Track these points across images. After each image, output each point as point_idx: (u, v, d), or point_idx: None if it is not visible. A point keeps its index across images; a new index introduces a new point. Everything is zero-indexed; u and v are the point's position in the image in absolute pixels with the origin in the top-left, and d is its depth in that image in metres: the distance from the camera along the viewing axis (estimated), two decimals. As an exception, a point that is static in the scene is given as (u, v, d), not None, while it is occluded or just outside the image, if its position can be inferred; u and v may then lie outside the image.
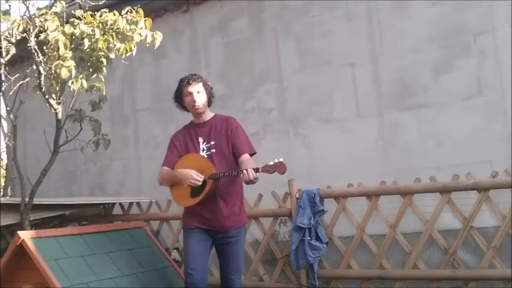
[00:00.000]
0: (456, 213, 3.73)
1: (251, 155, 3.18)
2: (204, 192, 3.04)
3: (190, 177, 3.03)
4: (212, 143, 3.18)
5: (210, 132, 3.22)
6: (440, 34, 4.27)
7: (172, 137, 3.34)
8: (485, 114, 4.07)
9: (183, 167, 3.12)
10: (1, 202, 4.39)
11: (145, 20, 3.85)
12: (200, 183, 3.01)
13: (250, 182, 2.90)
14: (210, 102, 3.32)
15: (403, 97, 4.42)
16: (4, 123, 5.40)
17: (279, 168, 2.86)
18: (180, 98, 3.27)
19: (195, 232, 3.16)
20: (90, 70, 3.87)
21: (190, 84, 3.21)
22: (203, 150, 3.19)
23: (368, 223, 4.01)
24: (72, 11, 4.03)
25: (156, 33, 3.83)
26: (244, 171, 2.90)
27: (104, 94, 4.15)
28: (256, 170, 2.92)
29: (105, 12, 3.83)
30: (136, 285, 3.43)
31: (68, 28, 3.73)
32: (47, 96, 3.97)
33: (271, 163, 2.89)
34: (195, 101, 3.19)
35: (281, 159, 2.86)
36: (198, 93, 3.21)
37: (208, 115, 3.31)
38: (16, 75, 4.20)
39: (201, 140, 3.23)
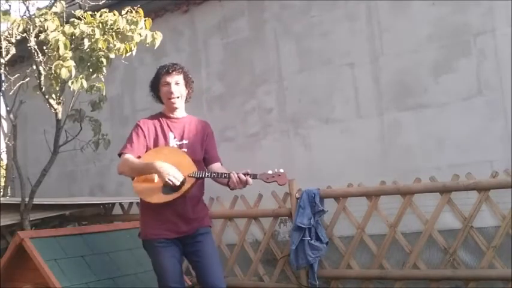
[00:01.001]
0: (456, 213, 3.73)
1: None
2: (183, 190, 2.75)
3: (172, 173, 2.70)
4: (185, 142, 2.95)
5: (183, 130, 2.97)
6: (440, 34, 4.27)
7: (140, 123, 3.01)
8: (485, 114, 4.07)
9: (156, 159, 2.79)
10: (1, 202, 4.39)
11: (145, 20, 3.85)
12: (178, 184, 2.72)
13: (239, 187, 2.73)
14: (187, 98, 3.08)
15: (403, 97, 4.42)
16: (4, 123, 5.39)
17: (279, 179, 2.69)
18: (157, 86, 3.01)
19: (163, 247, 2.84)
20: (90, 70, 3.87)
21: (170, 73, 2.94)
22: (174, 146, 2.93)
23: (368, 223, 4.01)
24: (72, 11, 4.03)
25: (156, 33, 3.83)
26: (239, 175, 2.70)
27: (104, 94, 4.15)
28: (254, 177, 2.74)
29: (105, 12, 3.83)
30: (136, 285, 3.43)
31: (68, 28, 3.73)
32: (47, 96, 3.97)
33: (271, 172, 2.71)
34: (171, 93, 2.93)
35: (282, 170, 2.71)
36: (176, 85, 2.95)
37: (182, 112, 3.06)
38: (16, 75, 4.20)
39: (171, 135, 2.95)
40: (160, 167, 2.72)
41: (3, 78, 4.19)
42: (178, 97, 2.95)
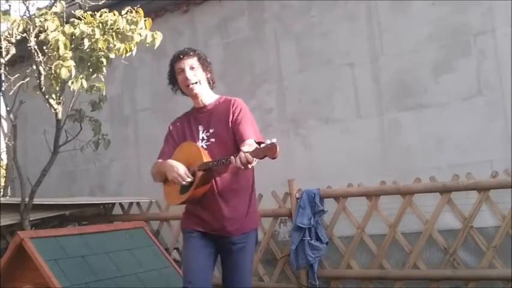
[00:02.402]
0: (456, 213, 3.73)
1: (258, 143, 2.46)
2: (192, 188, 2.51)
3: (175, 171, 2.50)
4: (211, 130, 2.65)
5: (211, 118, 2.68)
6: (440, 34, 4.27)
7: (170, 125, 2.82)
8: (485, 114, 4.07)
9: (176, 158, 2.61)
10: (1, 202, 4.39)
11: (145, 20, 3.84)
12: (185, 182, 2.50)
13: (244, 167, 2.32)
14: (211, 82, 2.77)
15: (403, 97, 4.42)
16: (4, 123, 5.39)
17: (270, 151, 2.31)
18: (174, 77, 2.75)
19: (193, 237, 2.63)
20: (90, 70, 3.87)
21: (182, 58, 2.68)
22: (202, 139, 2.66)
23: (368, 223, 4.01)
24: (72, 11, 4.03)
25: (156, 33, 3.83)
26: (240, 154, 2.32)
27: (103, 94, 4.15)
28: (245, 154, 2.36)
29: (105, 12, 3.83)
30: (136, 285, 3.43)
31: (68, 28, 3.73)
32: (47, 96, 3.97)
33: (263, 145, 2.35)
34: (187, 79, 2.64)
35: (274, 140, 2.32)
36: (191, 69, 2.66)
37: (210, 97, 2.74)
38: (16, 75, 4.20)
39: (200, 128, 2.69)
40: (165, 166, 2.56)
41: (3, 78, 4.19)
42: (196, 82, 2.66)
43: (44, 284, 3.10)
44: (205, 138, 2.65)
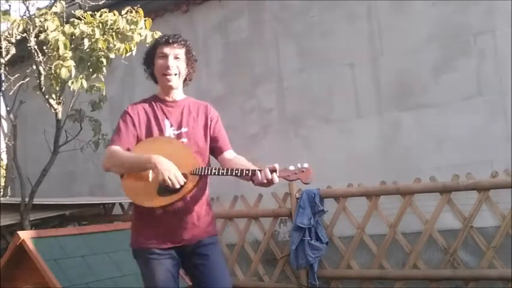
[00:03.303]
0: (456, 213, 3.73)
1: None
2: (184, 192, 2.23)
3: (172, 172, 2.17)
4: (184, 130, 2.39)
5: (182, 116, 2.42)
6: (440, 34, 4.27)
7: (129, 109, 2.47)
8: (485, 114, 4.07)
9: (151, 153, 2.24)
10: (1, 202, 4.39)
11: (145, 20, 3.85)
12: (178, 186, 2.19)
13: (267, 185, 2.17)
14: (186, 80, 2.51)
15: (403, 97, 4.42)
16: (4, 123, 5.39)
17: (303, 175, 2.18)
18: (151, 59, 2.46)
19: (156, 259, 2.29)
20: (90, 70, 3.88)
21: (169, 44, 2.40)
22: (170, 136, 2.39)
23: (368, 223, 4.01)
24: (72, 11, 4.04)
25: (156, 33, 3.83)
26: (266, 171, 2.14)
27: (103, 94, 4.16)
28: (274, 171, 2.20)
29: (105, 12, 3.84)
30: (136, 285, 3.42)
31: (68, 28, 3.73)
32: (47, 96, 3.97)
33: (292, 168, 2.20)
34: (168, 67, 2.38)
35: (306, 165, 2.20)
36: (175, 59, 2.40)
37: (180, 95, 2.50)
38: (16, 75, 4.20)
39: (167, 123, 2.40)
40: (158, 163, 2.19)
41: (3, 78, 4.19)
42: (176, 74, 2.40)
43: (44, 284, 3.10)
44: (174, 136, 2.37)
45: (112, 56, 3.85)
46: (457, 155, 4.10)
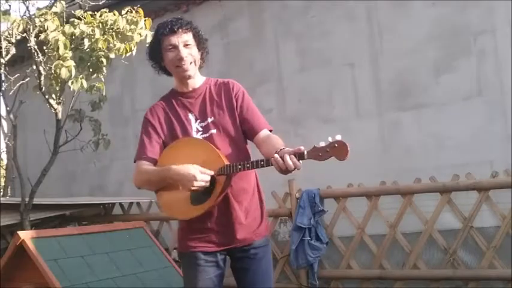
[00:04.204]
0: (456, 213, 3.73)
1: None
2: (215, 196, 2.01)
3: (193, 177, 1.96)
4: (210, 120, 2.16)
5: (205, 105, 2.19)
6: (440, 34, 4.27)
7: (148, 116, 2.26)
8: (485, 114, 4.07)
9: (174, 161, 2.05)
10: (1, 202, 4.39)
11: (145, 20, 3.85)
12: (208, 184, 1.99)
13: (287, 171, 1.94)
14: (201, 63, 2.28)
15: (403, 97, 4.42)
16: (4, 123, 5.39)
17: (338, 151, 1.93)
18: (158, 53, 2.20)
19: (200, 265, 2.11)
20: (90, 70, 3.88)
21: (175, 33, 2.14)
22: (197, 131, 2.16)
23: (368, 223, 4.01)
24: (72, 11, 4.04)
25: (156, 33, 3.82)
26: (277, 158, 1.90)
27: (103, 94, 4.16)
28: (301, 156, 1.97)
29: (105, 12, 3.84)
30: (136, 285, 3.43)
31: (68, 28, 3.73)
32: (47, 96, 3.97)
33: (323, 144, 1.95)
34: (182, 59, 2.13)
35: (338, 137, 1.94)
36: (186, 47, 2.16)
37: (199, 80, 2.26)
38: (16, 75, 4.20)
39: (191, 117, 2.18)
40: (177, 174, 2.00)
41: (3, 78, 4.19)
42: (191, 62, 2.17)
43: (44, 284, 3.09)
44: (201, 129, 2.15)
45: (112, 56, 3.85)
46: (457, 155, 4.10)
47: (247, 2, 5.33)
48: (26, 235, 3.23)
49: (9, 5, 3.99)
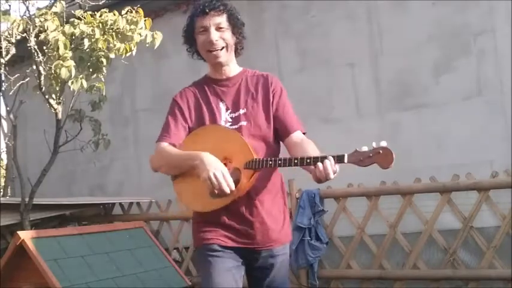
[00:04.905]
0: (456, 213, 3.73)
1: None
2: (238, 191, 1.85)
3: (216, 175, 1.79)
4: (242, 111, 2.02)
5: (239, 95, 2.06)
6: (440, 34, 4.27)
7: (177, 98, 2.10)
8: (485, 114, 4.06)
9: (200, 148, 1.90)
10: (1, 202, 4.39)
11: (145, 20, 3.85)
12: (228, 191, 1.81)
13: (325, 179, 1.83)
14: (238, 49, 2.13)
15: (403, 97, 4.42)
16: (4, 123, 5.39)
17: (383, 158, 1.82)
18: (192, 36, 2.07)
19: (216, 256, 1.95)
20: (90, 70, 3.87)
21: (207, 14, 1.99)
22: (226, 122, 2.02)
23: (368, 223, 4.01)
24: (72, 11, 4.03)
25: (156, 33, 3.83)
26: (325, 162, 1.81)
27: (103, 94, 4.16)
28: (340, 160, 1.86)
29: (105, 12, 3.84)
30: (136, 285, 3.43)
31: (68, 28, 3.73)
32: (47, 96, 3.97)
33: (365, 148, 1.85)
34: (212, 42, 2.00)
35: (383, 144, 1.85)
36: (218, 30, 2.01)
37: (235, 69, 2.13)
38: (16, 75, 4.20)
39: (222, 105, 2.05)
40: (203, 160, 1.84)
41: (3, 78, 4.19)
42: (222, 48, 2.02)
43: (44, 284, 3.09)
44: (231, 120, 2.01)
45: (112, 56, 3.85)
46: (457, 155, 4.10)
47: (247, 2, 5.32)
48: (26, 235, 3.23)
49: (9, 5, 3.99)
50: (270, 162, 1.84)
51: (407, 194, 3.87)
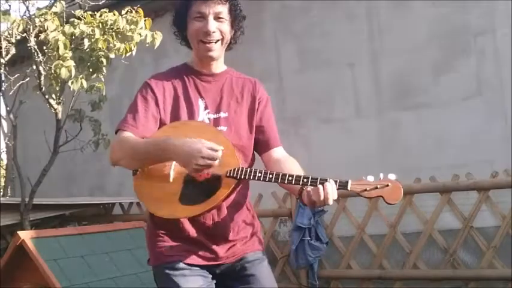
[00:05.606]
0: (456, 213, 3.73)
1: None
2: (214, 200, 1.61)
3: (200, 153, 1.53)
4: (223, 115, 1.79)
5: (221, 96, 1.82)
6: (440, 34, 4.27)
7: (152, 82, 1.79)
8: (485, 114, 4.07)
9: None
10: (1, 202, 4.39)
11: (145, 20, 3.85)
12: (217, 160, 1.56)
13: (322, 202, 1.56)
14: (230, 44, 1.91)
15: (403, 97, 4.42)
16: (4, 123, 5.39)
17: (390, 193, 1.57)
18: (183, 20, 1.79)
19: (181, 275, 1.68)
20: (90, 70, 3.87)
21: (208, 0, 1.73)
22: (203, 122, 1.77)
23: (368, 223, 4.01)
24: (72, 11, 4.03)
25: (156, 33, 3.83)
26: (326, 186, 1.55)
27: (103, 94, 4.16)
28: (343, 186, 1.58)
29: (105, 12, 3.84)
30: (136, 285, 3.43)
31: (68, 28, 3.73)
32: (47, 96, 3.97)
33: (371, 178, 1.61)
34: (208, 32, 1.74)
35: (392, 176, 1.61)
36: (217, 20, 1.76)
37: (221, 66, 1.91)
38: (16, 75, 4.20)
39: (200, 104, 1.78)
40: (181, 145, 1.56)
41: (3, 78, 4.19)
42: (218, 41, 1.79)
43: (44, 284, 3.09)
44: (208, 121, 1.77)
45: (112, 56, 3.85)
46: (457, 155, 4.10)
47: (247, 2, 5.29)
48: (26, 235, 3.23)
49: (9, 5, 3.99)
50: (259, 175, 1.61)
51: (407, 194, 3.87)
